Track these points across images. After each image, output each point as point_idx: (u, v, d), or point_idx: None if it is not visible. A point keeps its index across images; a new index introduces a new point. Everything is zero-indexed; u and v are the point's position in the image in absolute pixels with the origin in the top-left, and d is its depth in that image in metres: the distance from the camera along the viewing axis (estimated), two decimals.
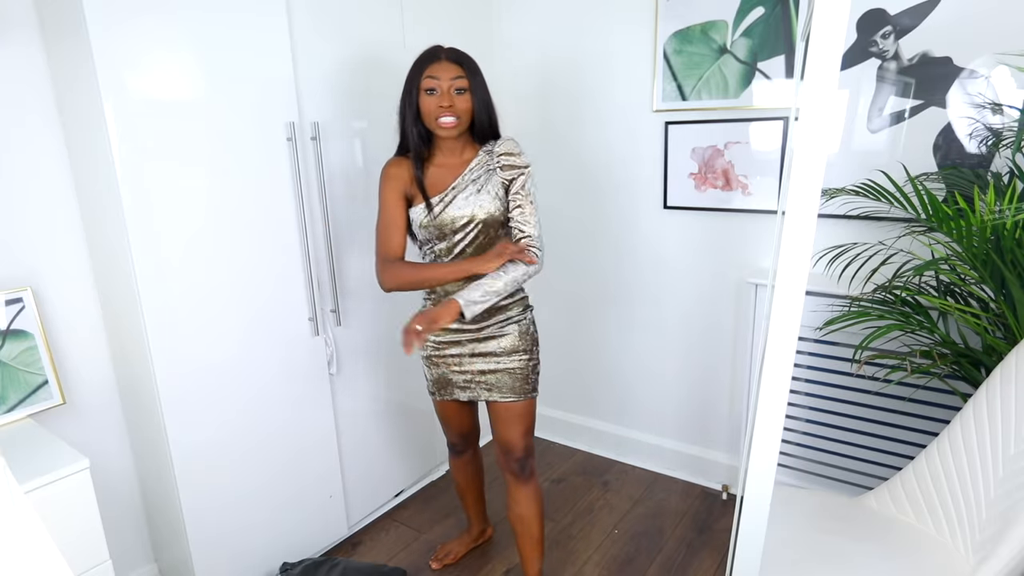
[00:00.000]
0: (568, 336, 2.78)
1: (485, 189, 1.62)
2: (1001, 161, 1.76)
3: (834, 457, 2.11)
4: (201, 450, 1.73)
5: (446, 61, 1.56)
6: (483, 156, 1.65)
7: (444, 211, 1.61)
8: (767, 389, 0.99)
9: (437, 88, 1.54)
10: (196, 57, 1.60)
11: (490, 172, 1.63)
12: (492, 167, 1.64)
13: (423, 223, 1.62)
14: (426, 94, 1.56)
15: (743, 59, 2.10)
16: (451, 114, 1.55)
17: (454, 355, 1.73)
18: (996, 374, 1.42)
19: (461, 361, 1.73)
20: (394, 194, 1.64)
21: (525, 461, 1.77)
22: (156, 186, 1.56)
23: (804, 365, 2.08)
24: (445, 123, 1.55)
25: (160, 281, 1.59)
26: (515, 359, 1.71)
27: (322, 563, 1.95)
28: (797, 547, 1.44)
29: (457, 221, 1.61)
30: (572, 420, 2.85)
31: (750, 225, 2.23)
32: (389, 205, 1.64)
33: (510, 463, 1.77)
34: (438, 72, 1.55)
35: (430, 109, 1.55)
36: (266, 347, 1.86)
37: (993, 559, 1.19)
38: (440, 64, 1.55)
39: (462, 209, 1.61)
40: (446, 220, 1.61)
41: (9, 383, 1.51)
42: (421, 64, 1.57)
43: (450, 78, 1.54)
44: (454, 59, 1.57)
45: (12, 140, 1.55)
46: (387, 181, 1.64)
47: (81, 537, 1.39)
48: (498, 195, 1.63)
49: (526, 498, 1.78)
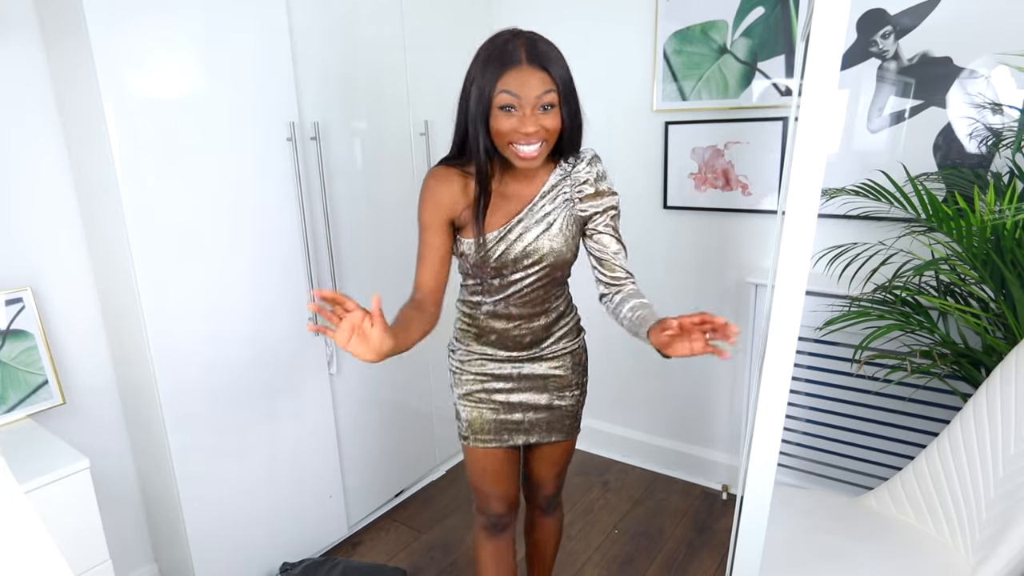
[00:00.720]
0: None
1: (557, 225, 1.28)
2: (1001, 161, 1.76)
3: (834, 457, 2.11)
4: (201, 450, 1.73)
5: (529, 67, 1.14)
6: (558, 177, 1.30)
7: (504, 249, 1.27)
8: (767, 389, 0.99)
9: (517, 107, 1.15)
10: (196, 57, 1.60)
11: (567, 203, 1.29)
12: (570, 197, 1.30)
13: (475, 261, 1.28)
14: (500, 112, 1.16)
15: (743, 59, 2.10)
16: (535, 139, 1.17)
17: (503, 388, 1.40)
18: (996, 374, 1.42)
19: (511, 399, 1.40)
20: (437, 218, 1.26)
21: (556, 497, 1.60)
22: (156, 186, 1.56)
23: (804, 365, 2.08)
24: (526, 154, 1.18)
25: (160, 281, 1.59)
26: (567, 395, 1.44)
27: (322, 563, 1.95)
28: (797, 547, 1.44)
29: (519, 262, 1.28)
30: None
31: (750, 225, 2.23)
32: (429, 232, 1.27)
33: (538, 499, 1.60)
34: (519, 86, 1.14)
35: (505, 131, 1.16)
36: (266, 347, 1.86)
37: (993, 559, 1.19)
38: (521, 71, 1.14)
39: (528, 245, 1.27)
40: (505, 260, 1.27)
41: (9, 383, 1.51)
42: (494, 68, 1.16)
43: (536, 95, 1.14)
44: (540, 63, 1.15)
45: (12, 140, 1.55)
46: (429, 202, 1.26)
47: (81, 537, 1.39)
48: (574, 235, 1.30)
49: (548, 528, 1.65)
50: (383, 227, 2.18)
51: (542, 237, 1.27)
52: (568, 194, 1.30)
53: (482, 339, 1.39)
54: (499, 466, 1.44)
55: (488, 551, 1.51)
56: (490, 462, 1.43)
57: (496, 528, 1.49)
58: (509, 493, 1.47)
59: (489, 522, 1.49)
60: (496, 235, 1.27)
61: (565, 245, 1.29)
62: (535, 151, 1.18)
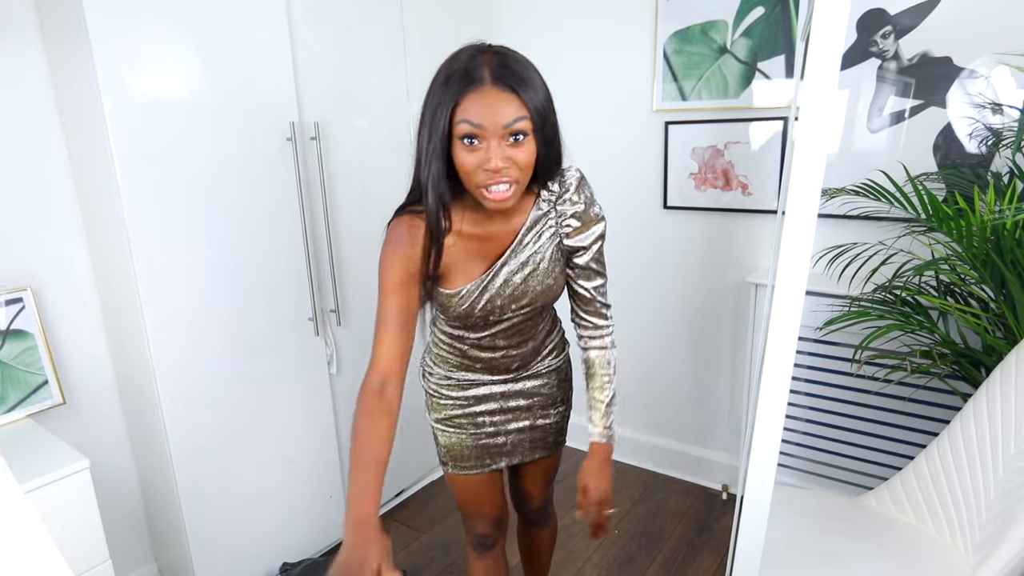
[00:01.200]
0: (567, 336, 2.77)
1: (545, 263, 1.14)
2: (1001, 161, 1.76)
3: (834, 457, 2.11)
4: (201, 450, 1.73)
5: (494, 88, 0.95)
6: (542, 209, 1.13)
7: (488, 297, 1.13)
8: (767, 389, 0.99)
9: (480, 138, 0.96)
10: (196, 57, 1.60)
11: (553, 237, 1.14)
12: (556, 230, 1.14)
13: (456, 313, 1.16)
14: (462, 144, 0.97)
15: (743, 59, 2.10)
16: (504, 180, 0.98)
17: (485, 411, 1.31)
18: (996, 374, 1.42)
19: (495, 421, 1.32)
20: (402, 277, 1.06)
21: (545, 509, 1.56)
22: (156, 186, 1.56)
23: (804, 365, 2.08)
24: (496, 195, 0.99)
25: (160, 281, 1.59)
26: (552, 412, 1.37)
27: (322, 563, 1.95)
28: (797, 547, 1.44)
29: (506, 308, 1.15)
30: (572, 420, 2.84)
31: (750, 225, 2.23)
32: (393, 295, 1.06)
33: (528, 513, 1.57)
34: (481, 114, 0.94)
35: (469, 170, 0.98)
36: (266, 347, 1.86)
37: (993, 559, 1.19)
38: (484, 95, 0.95)
39: (515, 289, 1.14)
40: (491, 308, 1.14)
41: (9, 383, 1.51)
42: (450, 90, 0.96)
43: (504, 124, 0.95)
44: (508, 83, 0.95)
45: (12, 140, 1.55)
46: (393, 260, 1.07)
47: (81, 537, 1.39)
48: (562, 270, 1.18)
49: (541, 538, 1.63)
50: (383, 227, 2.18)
51: (530, 279, 1.14)
52: (554, 227, 1.14)
53: (465, 366, 1.28)
54: (482, 490, 1.37)
55: (479, 568, 1.47)
56: (473, 487, 1.36)
57: (484, 547, 1.45)
58: (495, 514, 1.42)
59: (477, 541, 1.45)
60: (478, 283, 1.12)
61: (555, 282, 1.17)
62: (506, 192, 0.99)
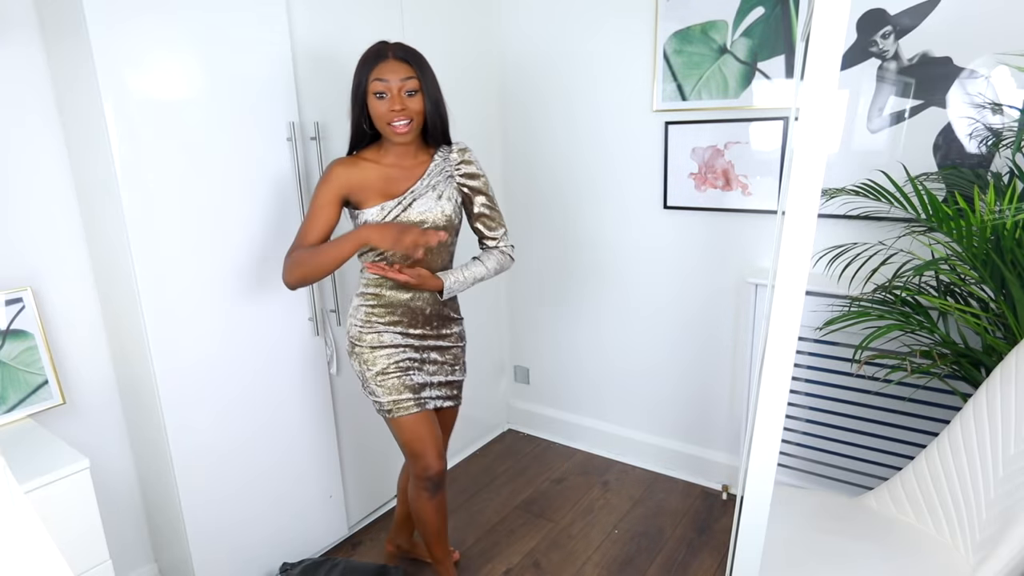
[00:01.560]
0: (568, 336, 2.78)
1: (445, 195, 1.58)
2: (1001, 161, 1.76)
3: (834, 457, 2.11)
4: (201, 450, 1.73)
5: (394, 60, 1.47)
6: (439, 161, 1.61)
7: (403, 214, 1.55)
8: (767, 389, 0.99)
9: (387, 92, 1.46)
10: (196, 57, 1.60)
11: (448, 178, 1.61)
12: (450, 173, 1.61)
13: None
14: (375, 97, 1.47)
15: (743, 59, 2.10)
16: (404, 117, 1.47)
17: (409, 360, 1.65)
18: (996, 374, 1.42)
19: (422, 366, 1.68)
20: (332, 196, 1.53)
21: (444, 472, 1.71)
22: (156, 186, 1.56)
23: (804, 365, 2.08)
24: (399, 128, 1.48)
25: (160, 281, 1.59)
26: (458, 370, 1.77)
27: (322, 563, 1.95)
28: (797, 547, 1.44)
29: (418, 226, 1.55)
30: (572, 420, 2.85)
31: (750, 225, 2.23)
32: (321, 207, 1.53)
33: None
34: (386, 73, 1.46)
35: (381, 113, 1.48)
36: (266, 347, 1.86)
37: (993, 559, 1.19)
38: (388, 64, 1.46)
39: (423, 214, 1.56)
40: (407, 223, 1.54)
41: (9, 383, 1.51)
42: (367, 64, 1.48)
43: (400, 79, 1.46)
44: (403, 57, 1.48)
45: (12, 140, 1.55)
46: (327, 182, 1.53)
47: (81, 537, 1.39)
48: (457, 201, 1.61)
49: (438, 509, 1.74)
50: None
51: (433, 204, 1.57)
52: (448, 171, 1.61)
53: (388, 316, 1.63)
54: (425, 426, 1.64)
55: (432, 507, 1.72)
56: (418, 425, 1.64)
57: (436, 487, 1.70)
58: (439, 448, 1.68)
59: (432, 483, 1.68)
60: (396, 202, 1.55)
61: (453, 211, 1.60)
62: (405, 126, 1.48)
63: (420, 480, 1.69)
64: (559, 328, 2.78)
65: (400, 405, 1.62)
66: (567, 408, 2.87)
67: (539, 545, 2.18)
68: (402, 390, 1.62)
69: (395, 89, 1.46)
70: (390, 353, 1.62)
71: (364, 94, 1.49)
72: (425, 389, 1.68)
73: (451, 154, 1.62)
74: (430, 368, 1.69)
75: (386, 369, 1.62)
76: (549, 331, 2.81)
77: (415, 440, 1.65)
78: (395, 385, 1.62)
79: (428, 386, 1.69)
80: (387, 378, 1.62)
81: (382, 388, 1.62)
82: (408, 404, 1.63)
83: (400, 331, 1.64)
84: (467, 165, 1.63)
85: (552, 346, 2.82)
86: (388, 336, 1.63)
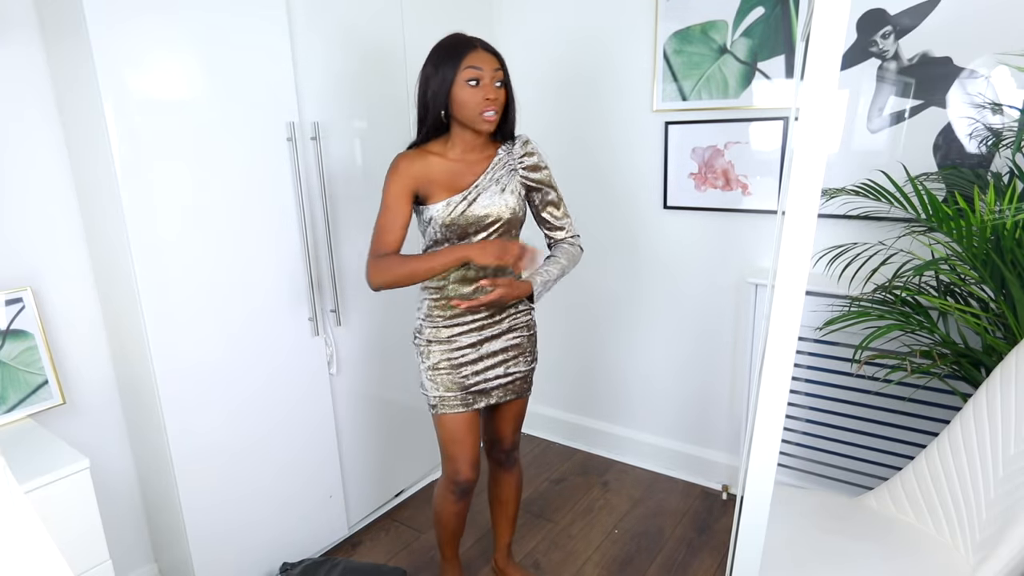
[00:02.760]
0: (568, 336, 2.77)
1: (509, 188, 1.56)
2: (1001, 161, 1.76)
3: (834, 457, 2.11)
4: (201, 450, 1.73)
5: (483, 51, 1.47)
6: (503, 155, 1.59)
7: (468, 209, 1.52)
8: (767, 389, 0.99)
9: (480, 79, 1.45)
10: (196, 57, 1.60)
11: (512, 172, 1.58)
12: (513, 167, 1.59)
13: (445, 221, 1.52)
14: (467, 85, 1.45)
15: (743, 59, 2.10)
16: (494, 107, 1.47)
17: (470, 356, 1.61)
18: (996, 374, 1.42)
19: (476, 369, 1.63)
20: (403, 190, 1.51)
21: (514, 451, 1.82)
22: (156, 186, 1.56)
23: (804, 365, 2.08)
24: (490, 117, 1.47)
25: (160, 281, 1.59)
26: (522, 361, 1.69)
27: (322, 563, 1.95)
28: (797, 547, 1.44)
29: (482, 220, 1.54)
30: (572, 420, 2.85)
31: (750, 225, 2.23)
32: (395, 202, 1.52)
33: (498, 453, 1.83)
34: (480, 62, 1.45)
35: (474, 101, 1.45)
36: (266, 347, 1.86)
37: (993, 559, 1.19)
38: (479, 54, 1.46)
39: (487, 208, 1.53)
40: (471, 219, 1.53)
41: (9, 383, 1.51)
42: (458, 52, 1.46)
43: (492, 70, 1.46)
44: (491, 51, 1.49)
45: (12, 140, 1.55)
46: (397, 177, 1.51)
47: (81, 537, 1.39)
48: (521, 195, 1.59)
49: (509, 484, 1.87)
50: None
51: (498, 197, 1.54)
52: (512, 164, 1.59)
53: (451, 310, 1.59)
54: (466, 428, 1.64)
55: (453, 510, 1.75)
56: (459, 425, 1.63)
57: (463, 493, 1.71)
58: (475, 456, 1.67)
59: (459, 488, 1.69)
60: (461, 196, 1.53)
61: (518, 204, 1.57)
62: (494, 116, 1.48)
63: (448, 482, 1.70)
64: (558, 328, 2.78)
65: (446, 402, 1.61)
66: (567, 408, 2.87)
67: (539, 545, 2.18)
68: (450, 386, 1.61)
69: (487, 79, 1.45)
70: (445, 349, 1.61)
71: (452, 82, 1.45)
72: (478, 387, 1.63)
73: (514, 148, 1.60)
74: (487, 362, 1.63)
75: (438, 364, 1.61)
76: (548, 331, 2.81)
77: (452, 442, 1.65)
78: (444, 381, 1.61)
79: (483, 383, 1.63)
80: (438, 373, 1.61)
81: (432, 382, 1.62)
82: (454, 403, 1.61)
83: (461, 325, 1.61)
84: (530, 157, 1.60)
85: (551, 346, 2.81)
86: (447, 331, 1.60)
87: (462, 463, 1.66)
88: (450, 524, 1.78)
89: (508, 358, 1.66)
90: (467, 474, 1.67)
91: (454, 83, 1.45)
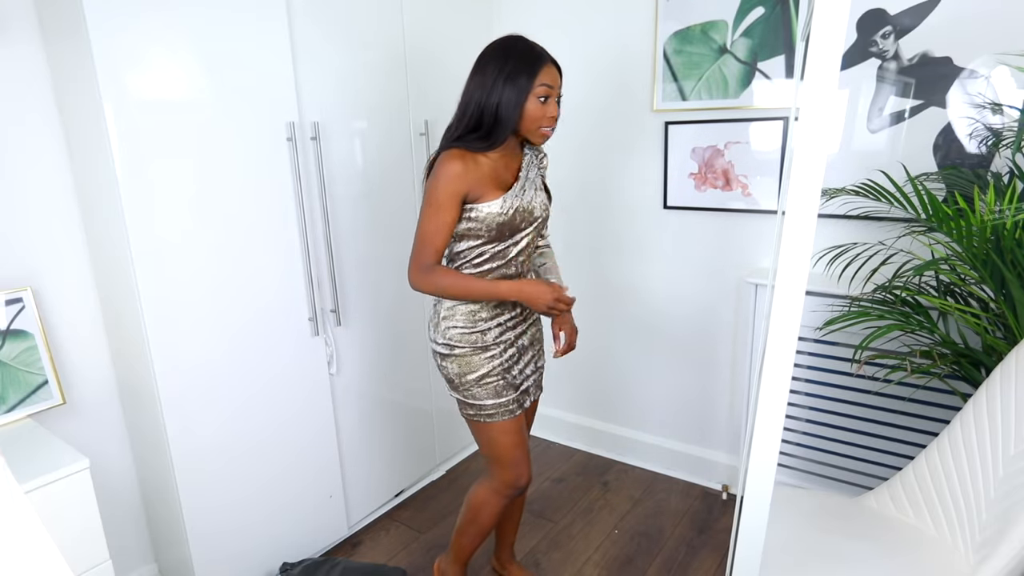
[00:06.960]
0: None
1: (538, 186, 1.58)
2: (1001, 161, 1.76)
3: (834, 457, 2.11)
4: (201, 450, 1.73)
5: (553, 67, 1.47)
6: (530, 156, 1.61)
7: (520, 203, 1.52)
8: (767, 389, 0.99)
9: (550, 97, 1.46)
10: (196, 57, 1.60)
11: (538, 172, 1.61)
12: (537, 166, 1.61)
13: (499, 220, 1.49)
14: (538, 100, 1.44)
15: (743, 59, 2.10)
16: (553, 125, 1.50)
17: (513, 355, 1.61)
18: (996, 374, 1.42)
19: (520, 357, 1.64)
20: (457, 192, 1.45)
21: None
22: (156, 186, 1.56)
23: (804, 365, 2.08)
24: (547, 132, 1.50)
25: (160, 280, 1.59)
26: (541, 356, 1.74)
27: (322, 563, 1.95)
28: (797, 547, 1.44)
29: (527, 216, 1.54)
30: (572, 420, 2.85)
31: (750, 225, 2.23)
32: (449, 203, 1.45)
33: None
34: (551, 79, 1.45)
35: (537, 116, 1.46)
36: (266, 347, 1.86)
37: (993, 559, 1.19)
38: (551, 70, 1.46)
39: (531, 202, 1.55)
40: (523, 213, 1.52)
41: (9, 383, 1.51)
42: (534, 66, 1.43)
43: (558, 87, 1.48)
44: (558, 66, 1.49)
45: (12, 140, 1.55)
46: (455, 179, 1.44)
47: (81, 537, 1.39)
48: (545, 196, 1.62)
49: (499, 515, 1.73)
50: (382, 227, 2.18)
51: (532, 195, 1.56)
52: (536, 164, 1.63)
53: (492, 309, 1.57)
54: (520, 431, 1.62)
55: (498, 512, 1.68)
56: (517, 428, 1.60)
57: (520, 494, 1.69)
58: (529, 456, 1.66)
59: (518, 492, 1.65)
60: (513, 193, 1.52)
61: (548, 200, 1.63)
62: (551, 132, 1.52)
63: (507, 488, 1.64)
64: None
65: (504, 408, 1.57)
66: (567, 408, 2.87)
67: (539, 545, 2.18)
68: (506, 391, 1.57)
69: (554, 96, 1.47)
70: (493, 355, 1.57)
71: (526, 93, 1.43)
72: (523, 386, 1.64)
73: (536, 150, 1.63)
74: (525, 358, 1.65)
75: (490, 372, 1.56)
76: (548, 331, 2.81)
77: (514, 447, 1.60)
78: (497, 388, 1.56)
79: (524, 381, 1.65)
80: (491, 380, 1.56)
81: (483, 390, 1.56)
82: (512, 407, 1.58)
83: (501, 322, 1.58)
84: (545, 159, 1.66)
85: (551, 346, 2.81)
86: (492, 334, 1.57)
87: (524, 467, 1.63)
88: (489, 526, 1.72)
89: (535, 352, 1.70)
90: (528, 475, 1.64)
91: (528, 97, 1.44)
